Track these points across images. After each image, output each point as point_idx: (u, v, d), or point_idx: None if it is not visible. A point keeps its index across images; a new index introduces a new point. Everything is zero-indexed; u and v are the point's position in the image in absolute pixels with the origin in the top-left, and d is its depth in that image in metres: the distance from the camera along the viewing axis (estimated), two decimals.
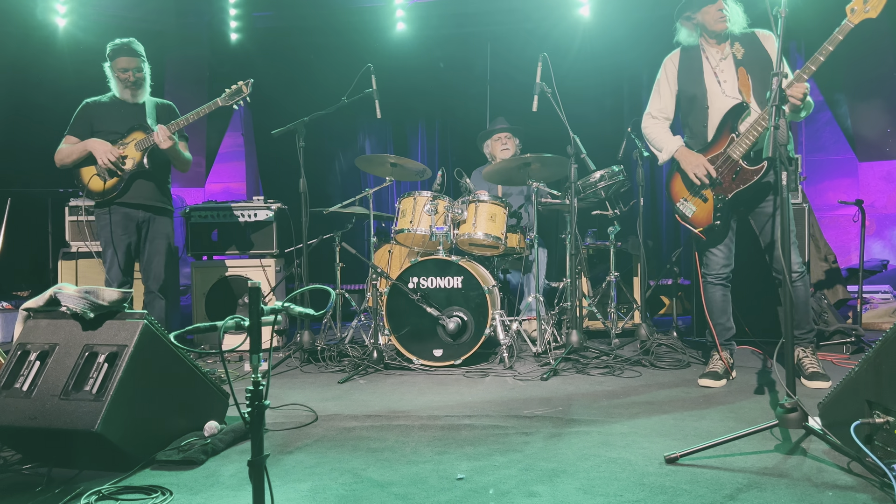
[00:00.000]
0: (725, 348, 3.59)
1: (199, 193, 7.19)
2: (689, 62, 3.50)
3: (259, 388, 1.62)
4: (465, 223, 4.38)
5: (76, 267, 4.88)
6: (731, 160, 3.28)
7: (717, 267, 3.53)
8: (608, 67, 6.73)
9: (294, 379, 3.93)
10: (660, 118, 3.63)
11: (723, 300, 3.57)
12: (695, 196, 3.45)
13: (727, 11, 3.34)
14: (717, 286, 3.56)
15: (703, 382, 3.48)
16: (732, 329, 3.62)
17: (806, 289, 3.41)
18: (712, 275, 3.56)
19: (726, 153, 3.29)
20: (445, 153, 7.34)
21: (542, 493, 2.08)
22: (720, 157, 3.32)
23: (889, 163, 6.48)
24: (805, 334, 3.46)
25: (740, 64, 3.37)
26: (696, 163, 3.36)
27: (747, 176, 3.25)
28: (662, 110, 3.62)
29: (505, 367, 3.98)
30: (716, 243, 3.50)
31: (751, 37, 3.38)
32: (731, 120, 3.29)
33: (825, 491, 2.03)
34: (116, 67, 4.10)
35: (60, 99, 5.91)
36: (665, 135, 3.60)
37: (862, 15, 2.68)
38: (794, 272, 3.31)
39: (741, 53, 3.37)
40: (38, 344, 2.48)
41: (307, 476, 2.28)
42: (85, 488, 2.16)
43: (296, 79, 6.95)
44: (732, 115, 3.29)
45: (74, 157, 4.01)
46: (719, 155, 3.32)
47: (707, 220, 3.41)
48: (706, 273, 3.58)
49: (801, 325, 3.45)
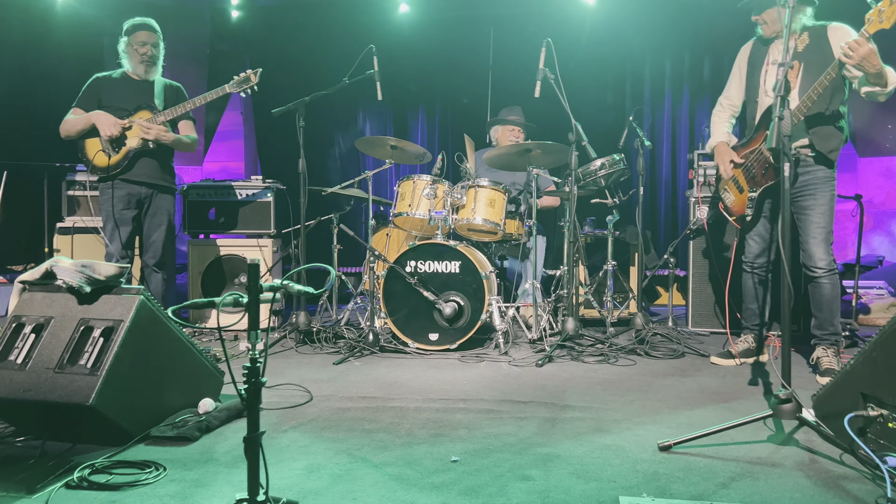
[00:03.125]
0: (751, 332, 3.74)
1: (196, 171, 7.17)
2: (756, 53, 3.57)
3: (256, 365, 1.61)
4: (464, 208, 4.37)
5: (72, 242, 4.85)
6: (763, 156, 3.37)
7: (752, 256, 3.66)
8: (611, 55, 6.71)
9: (289, 359, 3.93)
10: (725, 106, 3.73)
11: (755, 288, 3.69)
12: (731, 185, 3.62)
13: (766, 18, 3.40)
14: (750, 274, 3.69)
15: (714, 360, 3.73)
16: (759, 316, 3.72)
17: (833, 287, 3.37)
18: (747, 262, 3.69)
19: (759, 149, 3.39)
20: (446, 137, 7.31)
21: (535, 476, 2.09)
22: (754, 153, 3.42)
23: (888, 159, 6.48)
24: (828, 335, 3.41)
25: (797, 57, 3.34)
26: (723, 158, 3.55)
27: (775, 171, 3.33)
28: (729, 98, 3.70)
29: (500, 352, 3.99)
30: (748, 231, 3.63)
31: (820, 29, 3.32)
32: (766, 119, 3.34)
33: (817, 481, 2.04)
34: (136, 41, 4.09)
35: (59, 72, 5.88)
36: (719, 126, 3.71)
37: (877, 26, 2.70)
38: (819, 268, 3.34)
39: (803, 45, 3.33)
40: (34, 317, 2.46)
41: (301, 455, 2.29)
42: (78, 462, 2.16)
43: (296, 58, 6.90)
44: (768, 114, 3.33)
45: (79, 128, 4.00)
46: (754, 150, 3.42)
47: (741, 210, 3.57)
48: (743, 259, 3.72)
49: (825, 326, 3.41)
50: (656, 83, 6.89)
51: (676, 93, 6.84)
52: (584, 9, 6.37)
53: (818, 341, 3.44)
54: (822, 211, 3.35)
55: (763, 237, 3.61)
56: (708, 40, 6.49)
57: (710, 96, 6.37)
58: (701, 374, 3.51)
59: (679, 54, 6.81)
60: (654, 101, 6.88)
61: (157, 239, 4.17)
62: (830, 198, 3.36)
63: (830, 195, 3.36)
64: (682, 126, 6.81)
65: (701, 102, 6.71)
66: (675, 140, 6.83)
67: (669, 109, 6.85)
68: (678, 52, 6.80)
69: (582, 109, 4.35)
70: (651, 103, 6.86)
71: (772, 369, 3.56)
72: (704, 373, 3.55)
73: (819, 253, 3.33)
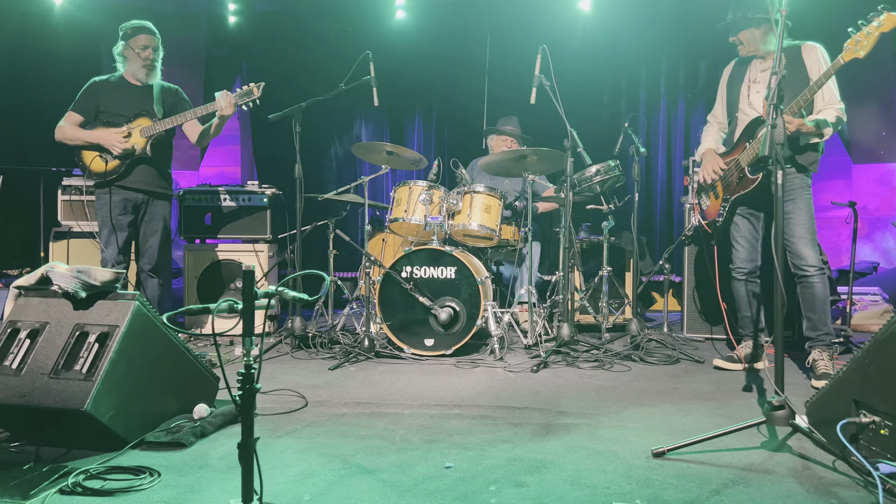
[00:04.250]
0: (749, 338, 3.77)
1: (193, 176, 7.17)
2: (736, 72, 3.73)
3: (251, 372, 1.62)
4: (459, 214, 4.38)
5: (68, 247, 4.85)
6: (739, 166, 3.50)
7: (738, 261, 3.71)
8: (607, 63, 6.74)
9: (285, 365, 3.93)
10: (713, 122, 3.91)
11: (747, 294, 3.72)
12: (710, 192, 3.78)
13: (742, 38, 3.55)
14: (739, 281, 3.73)
15: (718, 363, 3.78)
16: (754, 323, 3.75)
17: (825, 287, 3.42)
18: (734, 269, 3.74)
19: (737, 159, 3.52)
20: (442, 143, 7.32)
21: (529, 483, 2.09)
22: (733, 163, 3.56)
23: (883, 166, 6.51)
24: (822, 335, 3.44)
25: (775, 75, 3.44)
26: (707, 166, 3.69)
27: (747, 183, 3.47)
28: (716, 116, 3.88)
29: (496, 358, 3.99)
30: (724, 236, 3.74)
31: (794, 49, 3.44)
32: (748, 133, 3.49)
33: (810, 488, 2.05)
34: (136, 45, 4.07)
35: (56, 77, 5.88)
36: (706, 138, 3.88)
37: (853, 54, 2.79)
38: (811, 267, 3.40)
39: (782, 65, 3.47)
40: (29, 322, 2.46)
41: (296, 461, 2.29)
42: (73, 467, 2.16)
43: (293, 64, 6.91)
44: (750, 128, 3.49)
45: (78, 143, 4.00)
46: (733, 160, 3.56)
47: (714, 215, 3.73)
48: (731, 267, 3.77)
49: (818, 327, 3.44)
50: (652, 89, 6.92)
51: (672, 99, 6.87)
52: (579, 16, 6.41)
53: (813, 343, 3.46)
54: (804, 213, 3.46)
55: (752, 243, 3.67)
56: (703, 47, 6.51)
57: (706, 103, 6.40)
58: (695, 381, 3.52)
59: (674, 61, 6.84)
60: (650, 107, 6.91)
61: (153, 244, 4.17)
62: (809, 202, 3.49)
63: (809, 199, 3.49)
64: (677, 132, 6.84)
65: (696, 109, 6.74)
66: (671, 146, 6.86)
67: (665, 116, 6.88)
68: (673, 58, 6.83)
69: (577, 116, 4.37)
70: (646, 109, 6.89)
71: (766, 375, 3.57)
72: (699, 379, 3.57)
73: (808, 252, 3.40)
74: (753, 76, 3.60)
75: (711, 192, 3.76)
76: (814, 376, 3.36)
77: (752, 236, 3.67)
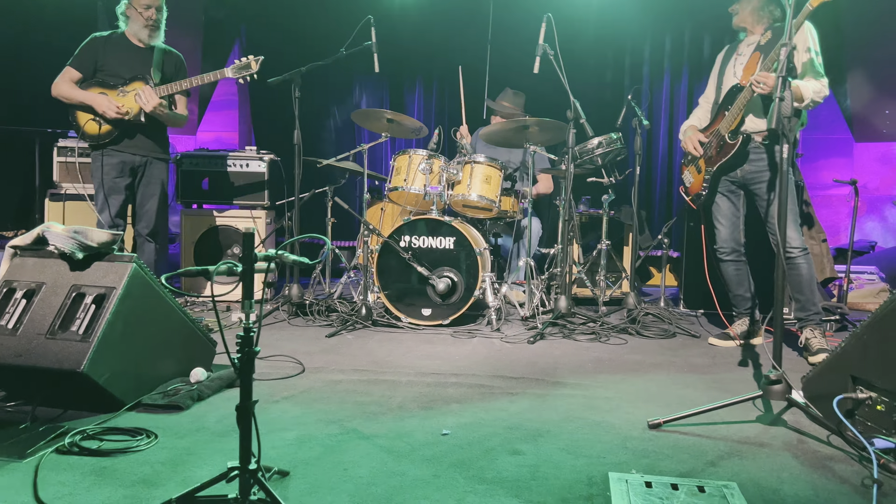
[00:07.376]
0: (744, 316, 3.77)
1: (190, 141, 7.09)
2: (729, 51, 3.71)
3: (250, 335, 1.60)
4: (459, 184, 4.34)
5: (63, 208, 4.80)
6: (719, 135, 3.49)
7: (720, 241, 3.69)
8: (611, 33, 6.63)
9: (282, 331, 3.93)
10: (703, 103, 3.84)
11: (736, 274, 3.72)
12: (691, 166, 3.76)
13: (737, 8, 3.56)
14: (725, 262, 3.71)
15: (712, 341, 3.79)
16: (749, 300, 3.75)
17: (810, 267, 3.41)
18: (718, 248, 3.72)
19: (717, 129, 3.51)
20: (442, 113, 7.23)
21: (526, 451, 2.10)
22: (713, 133, 3.54)
23: (885, 144, 6.48)
24: (812, 314, 3.43)
25: (760, 49, 3.47)
26: (688, 139, 3.70)
27: (727, 149, 3.46)
28: (707, 97, 3.85)
29: (492, 329, 3.99)
30: (713, 213, 3.69)
31: (781, 26, 3.40)
32: (728, 100, 3.47)
33: (804, 461, 2.06)
34: (139, 4, 3.98)
35: (52, 37, 5.77)
36: (692, 117, 3.86)
37: None
38: (795, 248, 3.37)
39: (766, 40, 3.48)
40: (25, 282, 2.45)
41: (293, 425, 2.29)
42: (69, 427, 2.16)
43: (293, 27, 6.78)
44: (729, 96, 3.47)
45: (75, 101, 3.94)
46: (714, 132, 3.54)
47: (697, 189, 3.69)
48: (714, 247, 3.74)
49: (807, 307, 3.42)
50: (655, 62, 6.83)
51: (675, 72, 6.78)
52: None
53: (804, 323, 3.46)
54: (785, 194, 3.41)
55: (733, 221, 3.66)
56: (708, 19, 6.41)
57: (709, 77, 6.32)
58: (692, 354, 3.53)
59: (679, 33, 6.74)
60: (653, 80, 6.82)
61: (150, 208, 4.13)
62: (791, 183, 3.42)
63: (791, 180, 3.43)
64: (679, 106, 6.76)
65: (700, 83, 6.64)
66: (673, 120, 6.79)
67: (668, 89, 6.79)
68: (678, 30, 6.73)
69: (580, 87, 4.31)
70: (650, 82, 6.81)
71: (762, 351, 3.58)
72: (695, 353, 3.58)
73: (792, 233, 3.37)
74: (741, 51, 3.60)
75: (693, 166, 3.73)
76: (809, 353, 3.37)
77: (732, 215, 3.65)
